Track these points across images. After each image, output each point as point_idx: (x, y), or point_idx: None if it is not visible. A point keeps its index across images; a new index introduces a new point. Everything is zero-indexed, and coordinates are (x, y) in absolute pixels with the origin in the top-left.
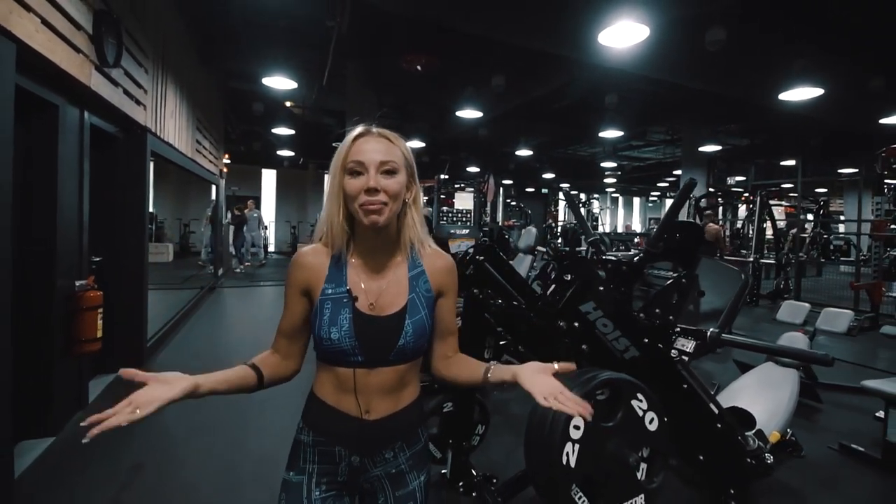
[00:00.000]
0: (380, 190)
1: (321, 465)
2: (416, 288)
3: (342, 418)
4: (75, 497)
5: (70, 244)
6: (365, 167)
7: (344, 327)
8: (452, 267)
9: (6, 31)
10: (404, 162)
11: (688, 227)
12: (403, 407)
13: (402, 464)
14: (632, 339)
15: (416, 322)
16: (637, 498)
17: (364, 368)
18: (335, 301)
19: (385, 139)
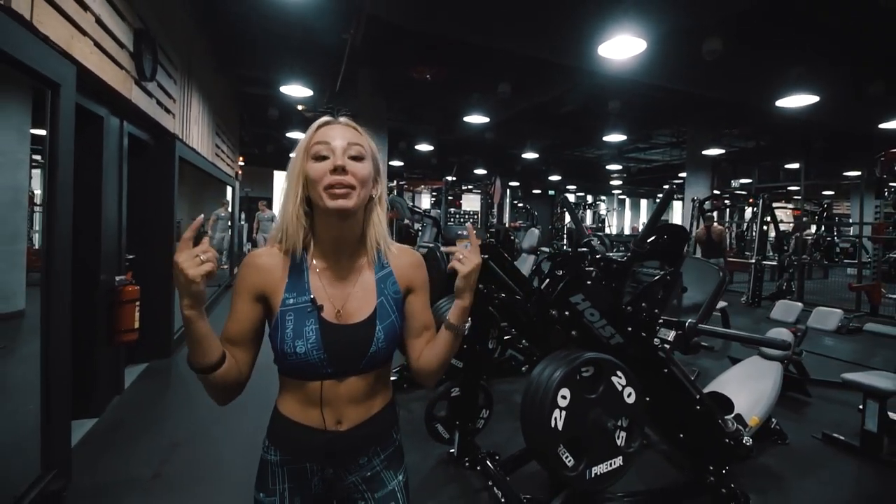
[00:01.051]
0: (348, 171)
1: (291, 483)
2: (384, 290)
3: (309, 434)
4: (123, 467)
5: (112, 243)
6: (331, 149)
7: (311, 339)
8: (420, 262)
9: (68, 55)
10: (370, 154)
11: (673, 229)
12: (376, 412)
13: (376, 465)
14: (617, 327)
15: (386, 327)
16: (616, 459)
17: (333, 380)
18: (298, 311)
19: (352, 128)
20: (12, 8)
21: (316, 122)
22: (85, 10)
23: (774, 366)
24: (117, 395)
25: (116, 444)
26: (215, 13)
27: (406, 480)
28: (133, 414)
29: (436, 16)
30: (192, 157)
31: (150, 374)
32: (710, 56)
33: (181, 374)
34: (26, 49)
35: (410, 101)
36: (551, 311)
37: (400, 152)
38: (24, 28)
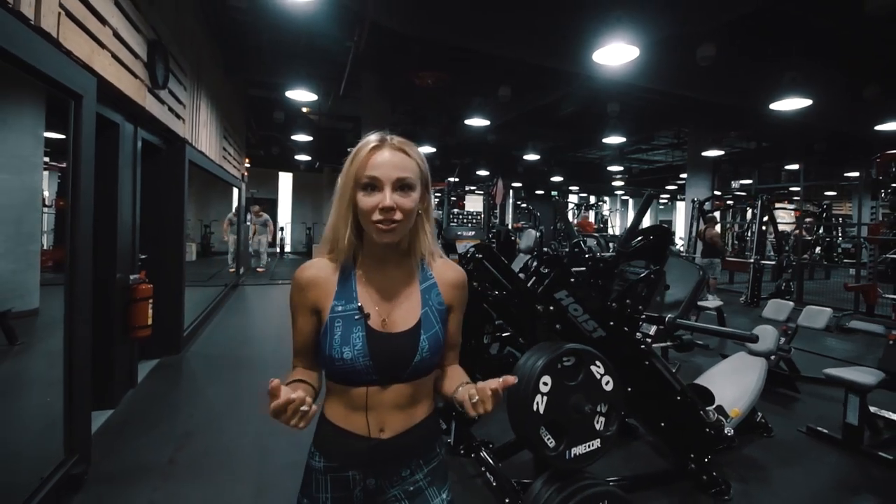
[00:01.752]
0: (395, 208)
1: (335, 492)
2: (429, 301)
3: (352, 439)
4: (139, 454)
5: (126, 243)
6: (381, 183)
7: (357, 346)
8: (464, 281)
9: (89, 68)
10: (419, 175)
11: (658, 230)
12: (418, 422)
13: (419, 481)
14: (599, 321)
15: (431, 337)
16: (594, 441)
17: (377, 386)
18: (346, 319)
19: (401, 152)
20: (41, 27)
21: (365, 143)
22: (104, 24)
23: (759, 361)
24: (131, 388)
25: (132, 433)
26: (224, 21)
27: (452, 500)
28: (147, 406)
29: (437, 24)
30: (201, 161)
31: (162, 370)
32: (704, 62)
33: (191, 370)
34: (52, 63)
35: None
36: (537, 306)
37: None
38: (51, 45)
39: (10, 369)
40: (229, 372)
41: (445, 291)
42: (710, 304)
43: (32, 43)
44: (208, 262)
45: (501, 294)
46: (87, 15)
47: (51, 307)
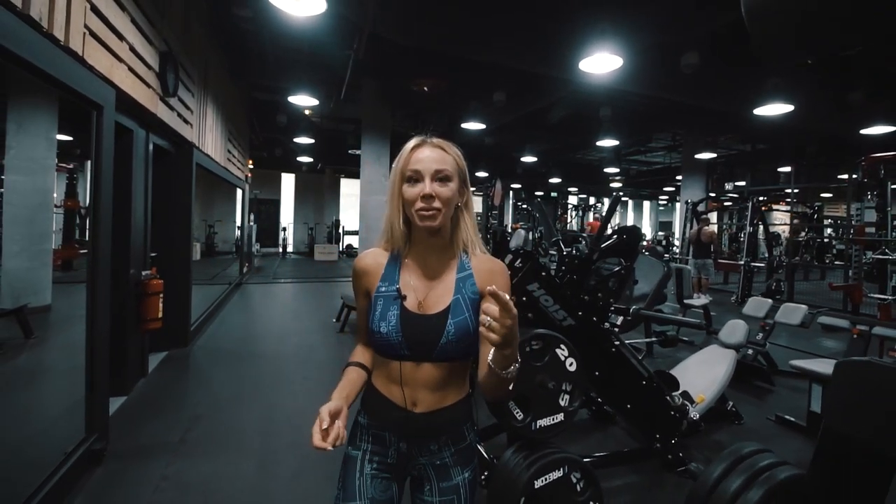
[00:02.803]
0: (434, 196)
1: (374, 445)
2: (462, 289)
3: (390, 407)
4: (152, 434)
5: (139, 241)
6: (421, 175)
7: (391, 323)
8: (501, 270)
9: (109, 81)
10: (457, 170)
11: (630, 230)
12: (449, 404)
13: (446, 458)
14: (568, 311)
15: (458, 322)
16: (558, 415)
17: (411, 362)
18: (386, 298)
19: (439, 149)
20: (69, 46)
21: (409, 143)
22: (121, 40)
23: (729, 353)
24: (142, 378)
25: (145, 417)
26: (229, 27)
27: (474, 478)
28: (157, 393)
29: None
30: (207, 163)
31: (170, 361)
32: (688, 69)
33: (198, 362)
34: (78, 78)
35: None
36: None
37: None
38: (77, 62)
39: (28, 360)
40: (234, 364)
41: (481, 282)
42: (696, 302)
43: (62, 61)
44: (212, 262)
45: None
46: (108, 33)
47: (62, 303)
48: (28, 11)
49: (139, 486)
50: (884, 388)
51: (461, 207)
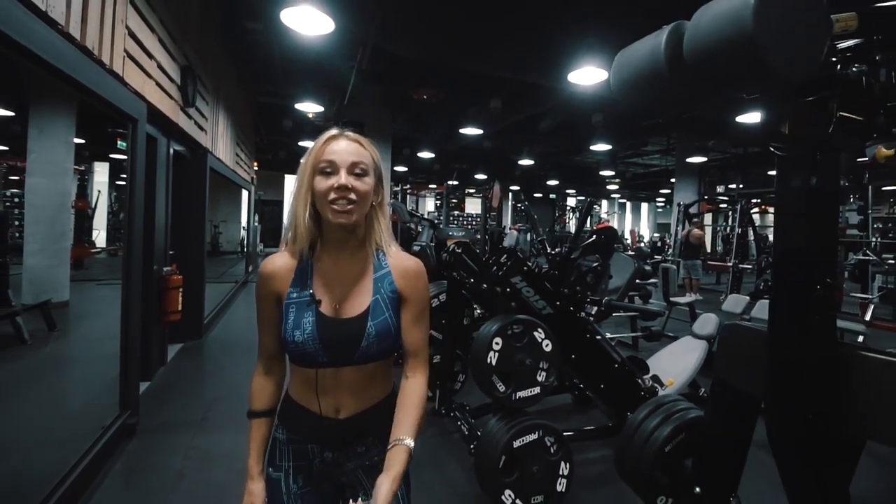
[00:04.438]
0: (350, 188)
1: (295, 461)
2: (381, 289)
3: (312, 417)
4: (177, 413)
5: (160, 240)
6: (336, 166)
7: (307, 330)
8: (419, 271)
9: (142, 96)
10: (374, 166)
11: (607, 231)
12: (373, 404)
13: (375, 456)
14: (547, 301)
15: (379, 324)
16: (535, 388)
17: (331, 368)
18: (299, 305)
19: (356, 142)
20: (113, 69)
21: (323, 134)
22: (151, 58)
23: (701, 344)
24: (162, 366)
25: (168, 399)
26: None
27: (407, 472)
28: (178, 379)
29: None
30: (219, 167)
31: (186, 352)
32: None
33: (212, 352)
34: (118, 95)
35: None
36: (497, 288)
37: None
38: (118, 81)
39: (55, 350)
40: (245, 353)
41: (399, 279)
42: (683, 300)
43: (106, 81)
44: (218, 261)
45: (474, 281)
46: (141, 54)
47: (78, 300)
48: (84, 42)
49: (170, 454)
50: (746, 343)
51: (375, 207)
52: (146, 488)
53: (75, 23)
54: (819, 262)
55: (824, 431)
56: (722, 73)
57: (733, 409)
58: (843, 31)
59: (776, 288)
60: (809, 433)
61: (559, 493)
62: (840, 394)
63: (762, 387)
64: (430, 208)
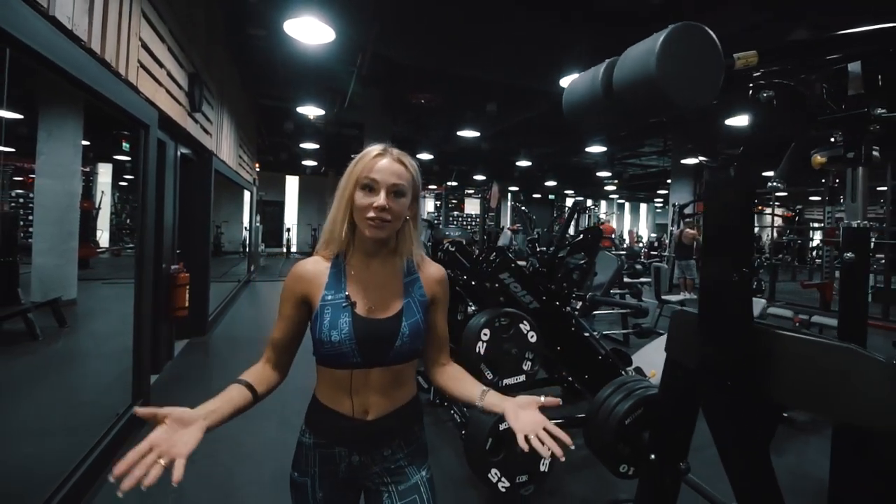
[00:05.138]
0: (388, 209)
1: (322, 466)
2: (412, 293)
3: (342, 420)
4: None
5: (168, 239)
6: (378, 185)
7: (344, 330)
8: (444, 277)
9: (153, 103)
10: (412, 185)
11: (593, 231)
12: (400, 406)
13: (400, 460)
14: (534, 296)
15: (412, 324)
16: (520, 376)
17: (362, 369)
18: (335, 306)
19: (399, 163)
20: (128, 79)
21: (370, 149)
22: (161, 67)
23: None
24: (169, 360)
25: (177, 390)
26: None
27: (431, 477)
28: (185, 371)
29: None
30: (223, 169)
31: (192, 347)
32: None
33: (217, 347)
34: (132, 103)
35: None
36: (486, 283)
37: None
38: (132, 90)
39: (66, 345)
40: (249, 349)
41: (428, 286)
42: (674, 298)
43: (121, 90)
44: (220, 261)
45: (466, 278)
46: (153, 63)
47: (85, 298)
48: (104, 56)
49: None
50: (688, 326)
51: (409, 220)
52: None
53: (96, 38)
54: (736, 256)
55: (745, 398)
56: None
57: (681, 384)
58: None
59: (703, 277)
60: (732, 400)
61: (542, 473)
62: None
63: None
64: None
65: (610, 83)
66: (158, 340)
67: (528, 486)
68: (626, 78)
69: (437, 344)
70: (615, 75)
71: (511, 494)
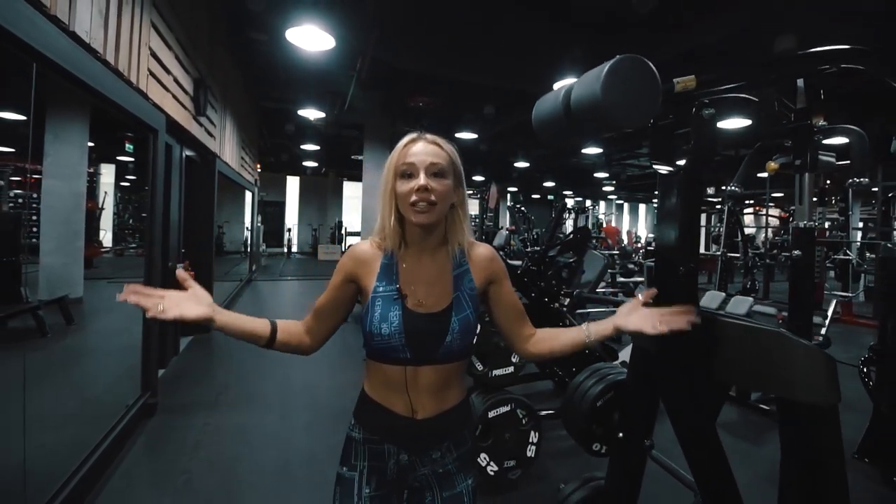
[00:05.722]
0: (429, 189)
1: (371, 462)
2: (461, 286)
3: (391, 417)
4: (192, 396)
5: (174, 238)
6: (416, 168)
7: (394, 323)
8: (493, 255)
9: (161, 109)
10: (452, 166)
11: (582, 231)
12: (450, 407)
13: (448, 464)
14: (523, 292)
15: (461, 319)
16: (509, 367)
17: (412, 366)
18: (385, 298)
19: (434, 144)
20: (139, 87)
21: (403, 139)
22: (168, 73)
23: None
24: (175, 355)
25: (182, 384)
26: (247, 51)
27: (475, 485)
28: (190, 366)
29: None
30: (226, 170)
31: (196, 343)
32: None
33: (220, 343)
34: (142, 109)
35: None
36: None
37: None
38: (142, 97)
39: (74, 342)
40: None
41: (479, 273)
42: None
43: (131, 96)
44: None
45: None
46: (161, 71)
47: (91, 297)
48: (117, 66)
49: (187, 429)
50: None
51: (456, 206)
52: (168, 456)
53: (110, 49)
54: (683, 252)
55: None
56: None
57: (645, 368)
58: (684, 89)
59: (656, 271)
60: (682, 380)
61: (529, 458)
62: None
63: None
64: None
65: (569, 104)
66: (165, 336)
67: (515, 471)
68: (579, 100)
69: (517, 317)
70: (572, 97)
71: (499, 478)
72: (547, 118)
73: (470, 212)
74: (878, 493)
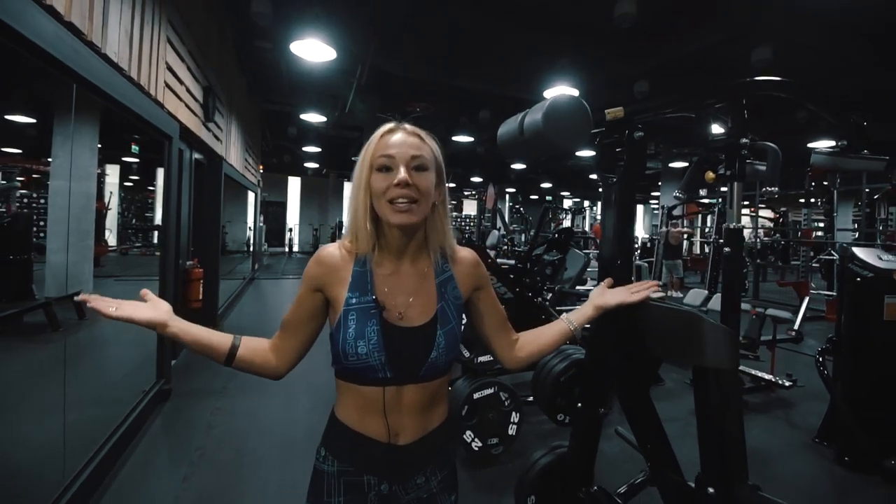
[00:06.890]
0: (411, 184)
1: (347, 496)
2: (445, 295)
3: (369, 444)
4: (201, 384)
5: (184, 237)
6: (395, 161)
7: (372, 340)
8: (477, 260)
9: (175, 117)
10: (434, 161)
11: (565, 230)
12: (434, 428)
13: (433, 487)
14: (508, 287)
15: (447, 333)
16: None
17: (392, 386)
18: (361, 311)
19: (416, 136)
20: (158, 99)
21: (380, 129)
22: (181, 84)
23: None
24: (184, 348)
25: (193, 373)
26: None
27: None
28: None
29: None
30: (232, 173)
31: None
32: (640, 96)
33: None
34: (158, 118)
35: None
36: None
37: None
38: (159, 107)
39: (87, 335)
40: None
41: (464, 279)
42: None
43: (149, 107)
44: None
45: None
46: (175, 82)
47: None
48: (139, 80)
49: (200, 412)
50: None
51: (437, 206)
52: (183, 434)
53: (134, 66)
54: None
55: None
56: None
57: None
58: (614, 118)
59: (600, 265)
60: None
61: (510, 436)
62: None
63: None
64: None
65: (522, 128)
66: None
67: (497, 447)
68: (528, 127)
69: (501, 324)
70: (524, 124)
71: (483, 453)
72: (507, 138)
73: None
74: (833, 471)
